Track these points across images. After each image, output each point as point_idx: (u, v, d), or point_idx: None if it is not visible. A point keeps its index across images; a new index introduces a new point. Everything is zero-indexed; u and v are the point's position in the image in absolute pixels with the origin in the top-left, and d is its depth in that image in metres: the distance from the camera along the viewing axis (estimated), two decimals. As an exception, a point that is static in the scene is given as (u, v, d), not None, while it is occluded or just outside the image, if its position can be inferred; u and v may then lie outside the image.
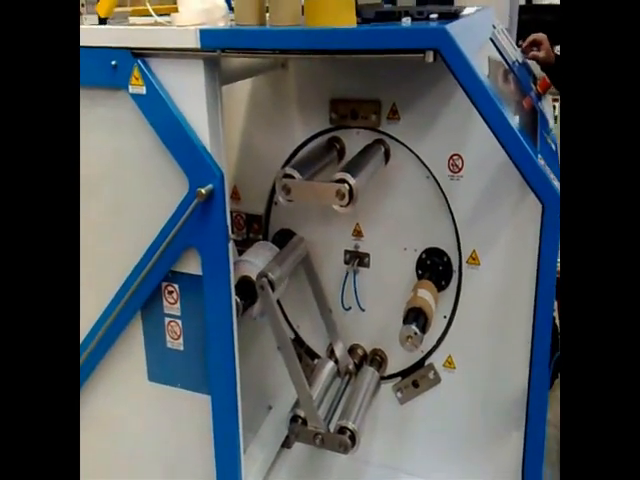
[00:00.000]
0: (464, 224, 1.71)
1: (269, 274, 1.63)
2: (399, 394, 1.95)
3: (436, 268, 1.78)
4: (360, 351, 1.98)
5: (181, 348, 1.64)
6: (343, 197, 1.44)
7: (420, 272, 1.82)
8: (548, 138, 1.73)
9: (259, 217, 1.99)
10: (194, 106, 1.41)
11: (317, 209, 1.87)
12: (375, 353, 1.96)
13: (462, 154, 1.66)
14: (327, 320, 1.94)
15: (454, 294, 1.78)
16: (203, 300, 1.54)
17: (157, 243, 1.52)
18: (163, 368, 1.68)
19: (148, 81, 1.41)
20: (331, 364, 1.92)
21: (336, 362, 1.93)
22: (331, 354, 1.95)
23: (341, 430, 1.66)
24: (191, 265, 1.54)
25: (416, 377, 1.91)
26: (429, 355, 1.87)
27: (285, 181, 1.50)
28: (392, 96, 1.70)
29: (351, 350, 1.98)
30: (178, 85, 1.41)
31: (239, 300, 1.63)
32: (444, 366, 1.86)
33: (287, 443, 2.05)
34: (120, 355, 1.69)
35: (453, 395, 1.87)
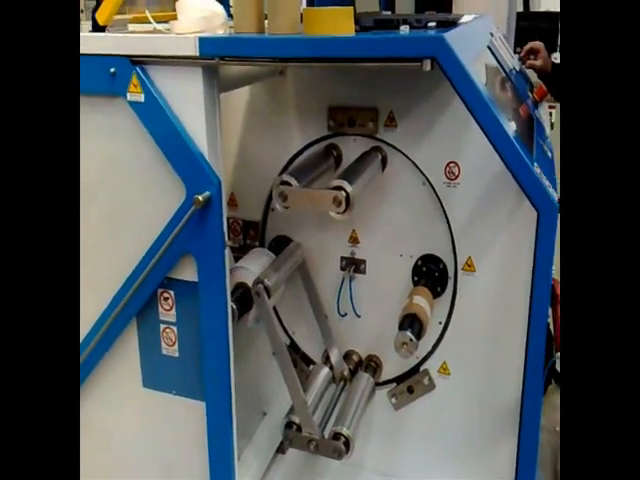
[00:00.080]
0: (460, 231, 1.72)
1: (265, 280, 1.63)
2: (394, 400, 1.95)
3: (432, 275, 1.79)
4: (355, 357, 1.98)
5: (176, 354, 1.64)
6: (340, 204, 1.45)
7: (416, 278, 1.82)
8: (544, 146, 1.75)
9: (256, 223, 1.99)
10: (192, 114, 1.41)
11: (314, 216, 1.88)
12: (370, 359, 1.96)
13: (459, 161, 1.67)
14: (323, 326, 1.94)
15: (449, 300, 1.79)
16: (199, 307, 1.54)
17: (154, 249, 1.52)
18: (158, 374, 1.67)
19: (146, 89, 1.41)
20: (326, 370, 1.92)
21: (331, 368, 1.93)
22: (326, 360, 1.94)
23: (335, 436, 1.67)
24: (187, 272, 1.54)
25: (411, 383, 1.91)
26: (424, 361, 1.88)
27: (282, 188, 1.50)
28: (389, 104, 1.71)
29: (346, 356, 1.98)
30: (176, 93, 1.41)
31: (235, 306, 1.63)
32: (439, 372, 1.86)
33: (281, 449, 2.05)
34: (115, 361, 1.69)
35: (448, 401, 1.87)
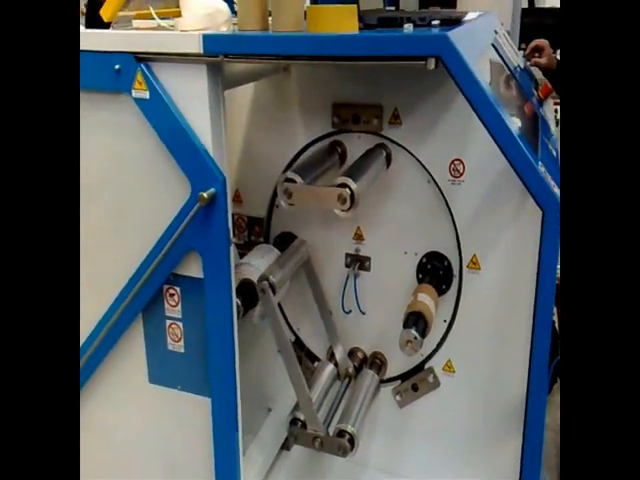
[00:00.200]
0: (465, 228, 1.72)
1: (270, 277, 1.63)
2: (398, 397, 1.95)
3: (436, 272, 1.79)
4: (360, 354, 1.98)
5: (182, 350, 1.64)
6: (344, 201, 1.45)
7: (420, 276, 1.82)
8: (549, 144, 1.73)
9: (261, 220, 1.99)
10: (197, 111, 1.41)
11: (318, 212, 1.88)
12: (375, 356, 1.96)
13: (463, 159, 1.67)
14: (327, 323, 1.95)
15: (454, 298, 1.79)
16: (204, 303, 1.54)
17: (159, 246, 1.52)
18: (164, 370, 1.68)
19: (151, 85, 1.42)
20: (331, 367, 1.92)
21: (336, 365, 1.93)
22: (331, 357, 1.95)
23: (340, 433, 1.67)
24: (192, 268, 1.55)
25: (416, 381, 1.91)
26: (429, 359, 1.87)
27: (287, 185, 1.50)
28: (394, 101, 1.70)
29: (351, 353, 1.99)
30: (181, 90, 1.42)
31: (240, 303, 1.64)
32: (444, 370, 1.86)
33: (286, 445, 2.06)
34: (121, 357, 1.70)
35: (452, 399, 1.87)
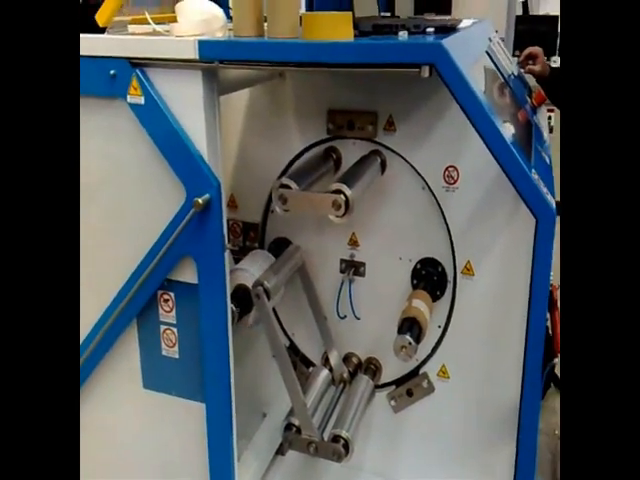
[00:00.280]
0: (459, 235, 1.72)
1: (265, 283, 1.63)
2: (393, 402, 1.95)
3: (431, 278, 1.79)
4: (355, 359, 1.99)
5: (176, 356, 1.64)
6: (339, 208, 1.45)
7: (415, 282, 1.82)
8: (542, 152, 1.75)
9: (256, 225, 1.99)
10: (192, 116, 1.42)
11: (313, 218, 1.88)
12: (370, 362, 1.97)
13: (457, 166, 1.67)
14: (322, 328, 1.95)
15: (449, 304, 1.79)
16: (199, 308, 1.54)
17: (153, 252, 1.52)
18: (158, 376, 1.68)
19: (146, 91, 1.42)
20: (326, 372, 1.92)
21: (331, 370, 1.93)
22: (326, 362, 1.95)
23: (335, 439, 1.67)
24: (187, 274, 1.55)
25: (410, 386, 1.92)
26: (423, 364, 1.88)
27: (282, 191, 1.51)
28: (389, 107, 1.71)
29: (346, 358, 1.99)
30: (176, 95, 1.42)
31: (234, 308, 1.64)
32: (438, 375, 1.87)
33: (281, 450, 2.06)
34: (115, 362, 1.69)
35: (447, 404, 1.88)
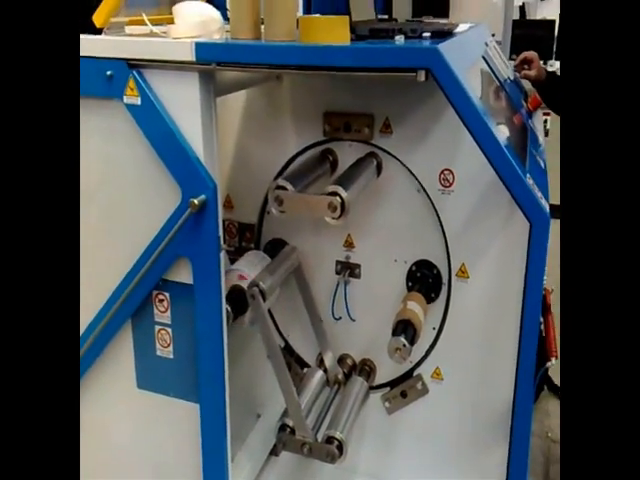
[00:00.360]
0: (454, 238, 1.73)
1: (260, 283, 1.64)
2: (387, 404, 1.96)
3: (426, 280, 1.80)
4: (349, 361, 1.99)
5: (171, 356, 1.64)
6: (335, 210, 1.46)
7: (410, 284, 1.83)
8: (537, 156, 1.76)
9: (252, 226, 2.00)
10: (188, 118, 1.42)
11: (309, 219, 1.88)
12: (364, 363, 1.97)
13: (453, 169, 1.68)
14: (317, 329, 1.95)
15: (443, 306, 1.80)
16: (194, 309, 1.55)
17: (149, 252, 1.53)
18: (152, 376, 1.68)
19: (143, 92, 1.42)
20: (320, 373, 1.93)
21: (325, 371, 1.94)
22: (320, 363, 1.96)
23: (329, 440, 1.68)
24: (182, 274, 1.55)
25: (404, 387, 1.92)
26: (418, 366, 1.88)
27: (278, 193, 1.51)
28: (385, 110, 1.72)
29: (340, 360, 1.99)
30: (173, 97, 1.42)
31: (229, 309, 1.64)
32: (432, 377, 1.87)
33: (275, 451, 2.06)
34: (110, 362, 1.70)
35: (441, 406, 1.88)
